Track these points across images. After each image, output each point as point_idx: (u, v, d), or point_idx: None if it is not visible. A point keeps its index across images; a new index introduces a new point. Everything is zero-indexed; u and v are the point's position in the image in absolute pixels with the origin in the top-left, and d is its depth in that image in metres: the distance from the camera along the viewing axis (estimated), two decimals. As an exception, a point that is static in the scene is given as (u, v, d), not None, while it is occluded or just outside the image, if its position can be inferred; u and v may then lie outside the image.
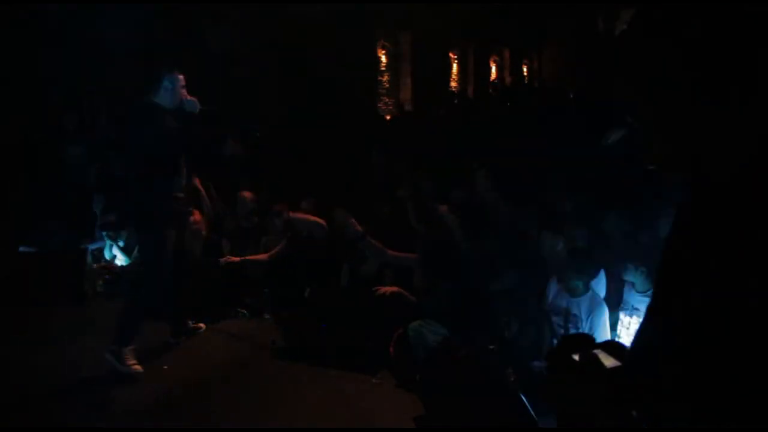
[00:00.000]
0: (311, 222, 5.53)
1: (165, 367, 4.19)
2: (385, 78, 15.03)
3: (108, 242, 6.39)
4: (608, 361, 0.97)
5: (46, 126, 7.36)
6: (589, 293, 3.77)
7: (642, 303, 3.72)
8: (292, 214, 5.60)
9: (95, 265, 6.15)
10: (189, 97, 4.17)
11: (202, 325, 4.81)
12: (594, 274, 3.83)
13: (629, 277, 3.77)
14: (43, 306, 5.18)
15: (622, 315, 3.84)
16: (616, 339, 3.72)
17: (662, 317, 0.83)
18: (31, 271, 5.62)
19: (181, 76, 4.14)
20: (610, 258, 4.09)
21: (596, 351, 0.98)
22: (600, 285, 4.02)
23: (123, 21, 7.61)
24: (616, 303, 3.94)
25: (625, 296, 3.88)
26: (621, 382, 0.90)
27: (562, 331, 3.76)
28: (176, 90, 4.11)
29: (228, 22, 9.39)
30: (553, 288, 3.95)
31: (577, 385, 0.97)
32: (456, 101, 15.01)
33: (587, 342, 1.14)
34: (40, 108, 7.44)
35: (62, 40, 7.32)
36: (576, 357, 1.03)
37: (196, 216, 5.76)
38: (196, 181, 5.74)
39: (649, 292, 3.70)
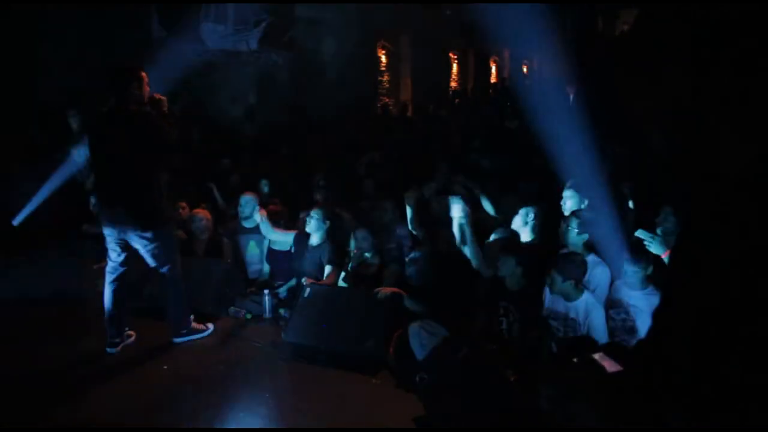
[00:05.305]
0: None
1: (165, 367, 4.20)
2: (385, 78, 15.03)
3: None
4: (609, 365, 0.96)
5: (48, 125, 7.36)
6: (584, 296, 3.76)
7: (639, 300, 3.73)
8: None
9: (95, 265, 6.14)
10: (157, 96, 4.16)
11: (209, 325, 4.80)
12: (581, 276, 3.80)
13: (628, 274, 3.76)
14: (43, 305, 5.18)
15: (612, 312, 3.83)
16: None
17: (671, 320, 0.84)
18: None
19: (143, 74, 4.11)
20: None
21: (596, 354, 0.98)
22: (603, 280, 4.02)
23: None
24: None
25: (618, 294, 3.88)
26: (625, 385, 0.90)
27: (560, 335, 3.75)
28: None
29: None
30: (548, 292, 3.93)
31: (578, 387, 0.97)
32: (456, 101, 15.01)
33: (588, 344, 1.13)
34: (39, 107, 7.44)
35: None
36: (575, 360, 1.03)
37: (206, 214, 5.77)
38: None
39: (648, 290, 3.70)
